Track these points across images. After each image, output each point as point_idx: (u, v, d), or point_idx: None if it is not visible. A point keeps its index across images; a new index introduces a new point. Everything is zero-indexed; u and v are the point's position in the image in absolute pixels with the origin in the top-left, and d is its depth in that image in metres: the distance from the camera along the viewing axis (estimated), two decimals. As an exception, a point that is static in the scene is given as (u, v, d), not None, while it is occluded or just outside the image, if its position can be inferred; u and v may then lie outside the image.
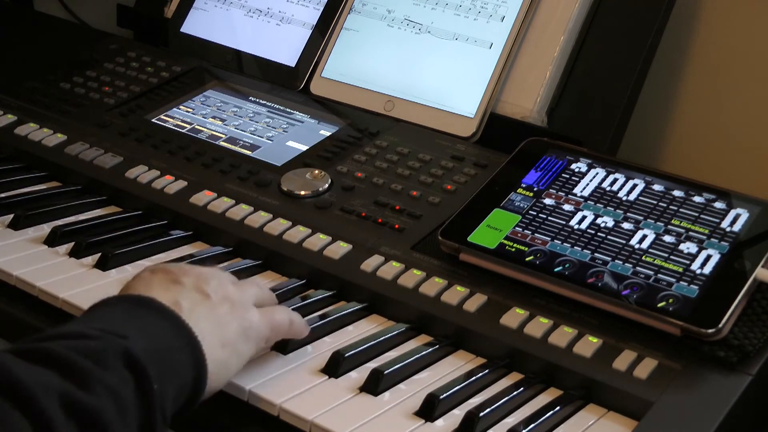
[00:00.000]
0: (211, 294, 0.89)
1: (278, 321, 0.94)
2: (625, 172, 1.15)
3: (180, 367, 0.83)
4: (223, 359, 0.87)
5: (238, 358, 0.90)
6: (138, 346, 0.79)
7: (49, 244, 1.15)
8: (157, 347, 0.81)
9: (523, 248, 1.07)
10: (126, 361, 0.78)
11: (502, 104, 1.34)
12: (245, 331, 0.90)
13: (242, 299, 0.92)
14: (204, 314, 0.87)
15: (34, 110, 1.43)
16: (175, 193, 1.24)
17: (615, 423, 0.93)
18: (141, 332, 0.82)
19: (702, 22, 1.40)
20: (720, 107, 1.40)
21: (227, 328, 0.88)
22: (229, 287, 0.92)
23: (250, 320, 0.91)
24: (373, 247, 1.12)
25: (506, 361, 0.99)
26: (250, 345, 0.91)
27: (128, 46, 1.57)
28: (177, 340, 0.84)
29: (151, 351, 0.80)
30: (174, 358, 0.82)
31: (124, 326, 0.82)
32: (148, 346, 0.80)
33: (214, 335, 0.87)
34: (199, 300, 0.88)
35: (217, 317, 0.88)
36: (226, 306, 0.90)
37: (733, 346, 0.95)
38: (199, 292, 0.89)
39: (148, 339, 0.81)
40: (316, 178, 1.24)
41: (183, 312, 0.86)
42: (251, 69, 1.51)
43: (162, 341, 0.82)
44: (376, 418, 0.90)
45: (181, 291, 0.88)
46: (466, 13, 1.39)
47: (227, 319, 0.89)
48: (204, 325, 0.87)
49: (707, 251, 1.03)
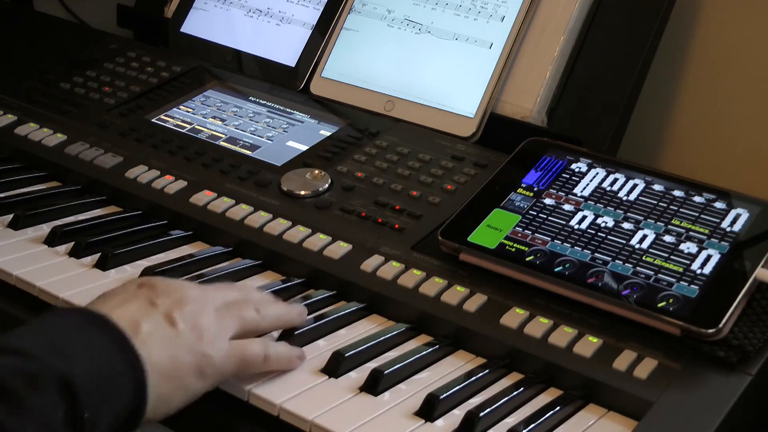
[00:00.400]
0: (178, 322, 0.87)
1: (250, 356, 0.91)
2: (625, 172, 1.15)
3: (119, 394, 0.81)
4: (165, 393, 0.85)
5: (184, 394, 0.87)
6: (78, 370, 0.78)
7: (48, 244, 1.15)
8: (99, 371, 0.79)
9: (523, 248, 1.07)
10: (61, 387, 0.76)
11: (502, 104, 1.34)
12: (201, 368, 0.87)
13: (215, 331, 0.89)
14: (160, 343, 0.85)
15: (34, 110, 1.43)
16: (175, 193, 1.24)
17: (615, 423, 0.93)
18: (86, 353, 0.80)
19: (702, 22, 1.40)
20: (720, 107, 1.40)
21: (181, 362, 0.85)
22: (204, 317, 0.88)
23: (211, 357, 0.87)
24: (373, 247, 1.12)
25: (506, 361, 0.99)
26: (203, 382, 0.87)
27: (128, 46, 1.57)
28: (120, 365, 0.81)
29: (92, 375, 0.78)
30: (114, 384, 0.80)
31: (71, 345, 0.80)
32: (90, 370, 0.79)
33: (164, 367, 0.84)
34: (163, 327, 0.86)
35: (173, 348, 0.85)
36: (190, 337, 0.87)
37: (733, 346, 0.95)
38: (166, 318, 0.87)
39: (91, 361, 0.79)
40: (316, 178, 1.24)
41: (139, 335, 0.84)
42: (251, 69, 1.51)
43: (105, 365, 0.80)
44: (376, 418, 0.90)
45: (148, 313, 0.86)
46: (466, 13, 1.39)
47: (184, 352, 0.86)
48: (157, 354, 0.84)
49: (707, 251, 1.03)
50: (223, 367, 0.89)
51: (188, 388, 0.87)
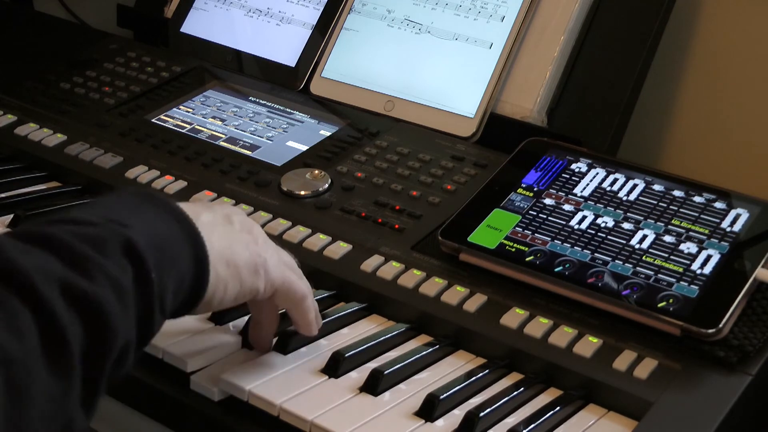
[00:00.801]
0: (235, 222, 0.89)
1: (295, 286, 0.92)
2: (625, 172, 1.15)
3: (181, 264, 0.81)
4: (224, 276, 0.86)
5: (240, 285, 0.88)
6: (139, 235, 0.78)
7: (49, 244, 1.15)
8: (160, 239, 0.80)
9: (523, 248, 1.07)
10: (125, 249, 0.76)
11: (502, 104, 1.34)
12: (255, 265, 0.88)
13: (267, 242, 0.92)
14: (220, 232, 0.87)
15: (34, 110, 1.43)
16: (175, 193, 1.23)
17: (615, 423, 0.93)
18: (144, 224, 0.80)
19: (702, 22, 1.40)
20: (720, 107, 1.40)
21: (237, 252, 0.87)
22: (257, 228, 0.92)
23: (265, 258, 0.89)
24: (373, 247, 1.12)
25: (506, 361, 0.99)
26: (255, 279, 0.89)
27: (128, 46, 1.57)
28: (182, 240, 0.82)
29: (152, 241, 0.79)
30: (176, 254, 0.81)
31: (128, 216, 0.80)
32: (152, 238, 0.79)
33: (223, 251, 0.86)
34: (221, 222, 0.88)
35: (231, 240, 0.87)
36: (247, 236, 0.89)
37: (733, 346, 0.95)
38: (224, 217, 0.89)
39: (153, 231, 0.80)
40: (316, 178, 1.24)
41: (199, 222, 0.85)
42: (251, 69, 1.51)
43: (167, 236, 0.81)
44: (376, 418, 0.90)
45: (208, 210, 0.88)
46: (466, 13, 1.39)
47: (241, 246, 0.88)
48: (216, 239, 0.85)
49: (707, 251, 1.03)
50: (273, 274, 0.90)
51: (243, 281, 0.88)
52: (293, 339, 0.98)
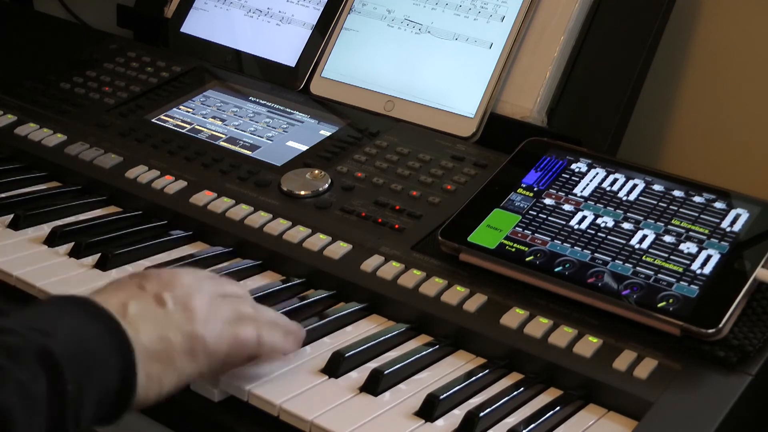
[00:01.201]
0: (167, 301, 0.86)
1: (243, 338, 0.89)
2: (625, 172, 1.15)
3: (105, 372, 0.79)
4: (156, 374, 0.83)
5: (176, 375, 0.85)
6: (59, 345, 0.77)
7: (49, 244, 1.15)
8: (83, 349, 0.78)
9: (523, 248, 1.07)
10: (41, 358, 0.75)
11: (502, 104, 1.34)
12: (192, 348, 0.85)
13: (206, 313, 0.87)
14: (149, 323, 0.84)
15: (34, 110, 1.43)
16: (175, 193, 1.24)
17: (615, 423, 0.93)
18: (69, 332, 0.79)
19: (702, 22, 1.40)
20: (720, 107, 1.40)
21: (170, 342, 0.84)
22: (196, 299, 0.87)
23: (203, 336, 0.86)
24: (373, 247, 1.12)
25: (506, 361, 0.99)
26: (194, 363, 0.86)
27: (128, 46, 1.57)
28: (107, 345, 0.80)
29: (74, 352, 0.77)
30: (99, 363, 0.79)
31: (52, 325, 0.79)
32: (72, 347, 0.77)
33: (154, 346, 0.83)
34: (151, 307, 0.85)
35: (163, 328, 0.84)
36: (181, 317, 0.86)
37: (733, 346, 0.95)
38: (155, 298, 0.86)
39: (74, 339, 0.78)
40: (316, 178, 1.24)
41: (127, 317, 0.83)
42: (251, 69, 1.51)
43: (89, 344, 0.79)
44: (376, 418, 0.90)
45: (137, 296, 0.85)
46: (466, 13, 1.39)
47: (173, 331, 0.84)
48: (144, 335, 0.83)
49: (707, 251, 1.03)
50: (216, 348, 0.87)
51: (180, 370, 0.85)
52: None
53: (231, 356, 0.89)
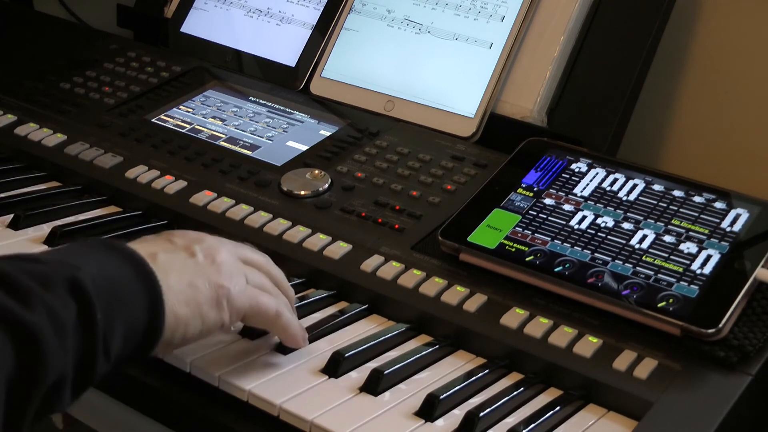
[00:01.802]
0: (197, 253, 0.89)
1: (263, 304, 0.91)
2: (625, 172, 1.15)
3: (133, 308, 0.81)
4: (184, 316, 0.86)
5: (201, 323, 0.87)
6: (89, 277, 0.78)
7: (49, 245, 1.15)
8: (112, 284, 0.80)
9: (523, 248, 1.07)
10: (71, 287, 0.77)
11: (502, 104, 1.34)
12: (217, 299, 0.88)
13: (232, 269, 0.90)
14: (178, 270, 0.86)
15: (34, 110, 1.43)
16: (175, 193, 1.24)
17: (615, 423, 0.93)
18: (97, 267, 0.81)
19: (702, 22, 1.40)
20: (720, 107, 1.40)
21: (198, 289, 0.87)
22: (222, 253, 0.91)
23: (228, 289, 0.89)
24: (373, 247, 1.12)
25: (506, 361, 0.99)
26: (217, 313, 0.88)
27: (128, 46, 1.57)
28: (135, 283, 0.82)
29: (103, 284, 0.79)
30: (128, 297, 0.81)
31: (82, 259, 0.81)
32: (101, 280, 0.79)
33: (181, 291, 0.86)
34: (180, 257, 0.88)
35: (191, 276, 0.87)
36: (209, 268, 0.89)
37: (733, 346, 0.95)
38: (185, 250, 0.89)
39: (104, 275, 0.80)
40: (316, 178, 1.24)
41: (156, 263, 0.85)
42: (251, 69, 1.51)
43: (118, 280, 0.81)
44: (376, 418, 0.90)
45: (165, 247, 0.88)
46: (466, 13, 1.39)
47: (201, 280, 0.87)
48: (174, 279, 0.85)
49: (707, 251, 1.03)
50: (238, 303, 0.90)
51: (205, 317, 0.88)
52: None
53: (248, 317, 0.92)
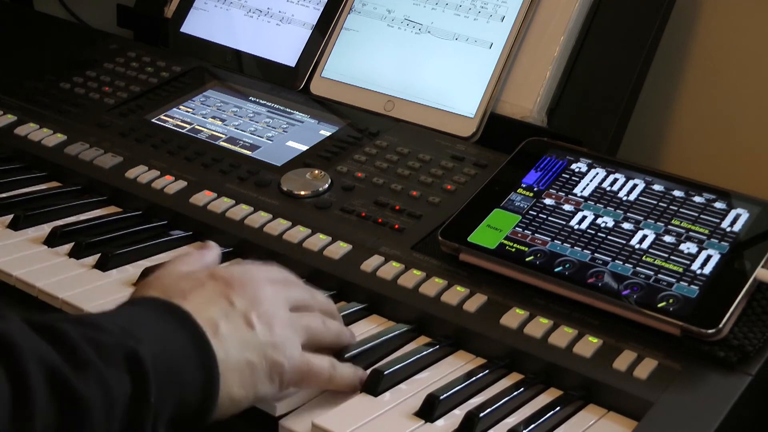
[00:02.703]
0: (255, 324, 0.85)
1: (316, 371, 0.89)
2: (625, 172, 1.15)
3: (188, 386, 0.79)
4: (238, 397, 0.84)
5: (254, 396, 0.86)
6: (149, 352, 0.76)
7: (49, 245, 1.15)
8: (170, 362, 0.78)
9: (523, 248, 1.07)
10: (130, 363, 0.75)
11: (502, 104, 1.34)
12: (272, 375, 0.86)
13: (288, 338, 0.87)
14: (238, 345, 0.83)
15: (34, 110, 1.43)
16: (175, 193, 1.24)
17: (615, 423, 0.93)
18: (158, 340, 0.78)
19: (702, 22, 1.40)
20: (720, 107, 1.40)
21: (255, 368, 0.84)
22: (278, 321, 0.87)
23: (283, 365, 0.86)
24: (373, 247, 1.12)
25: (506, 361, 0.99)
26: (272, 386, 0.86)
27: (128, 46, 1.57)
28: (194, 362, 0.80)
29: (162, 362, 0.77)
30: (185, 374, 0.79)
31: (144, 330, 0.78)
32: (160, 357, 0.77)
33: (240, 369, 0.83)
34: (241, 328, 0.84)
35: (250, 353, 0.84)
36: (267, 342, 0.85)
37: (733, 346, 0.95)
38: (245, 320, 0.85)
39: (164, 350, 0.78)
40: (316, 178, 1.24)
41: (218, 336, 0.82)
42: (251, 69, 1.51)
43: (178, 358, 0.79)
44: (376, 418, 0.90)
45: (226, 312, 0.85)
46: (466, 13, 1.39)
47: (260, 357, 0.85)
48: (234, 356, 0.83)
49: (707, 251, 1.03)
50: (291, 377, 0.88)
51: (259, 393, 0.86)
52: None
53: (301, 385, 0.90)
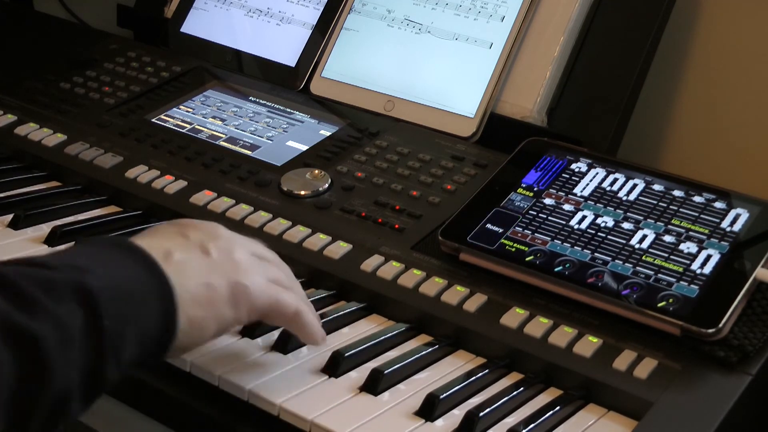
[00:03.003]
0: (212, 251, 0.86)
1: (283, 302, 0.89)
2: (625, 172, 1.15)
3: (146, 314, 0.79)
4: (199, 319, 0.83)
5: (217, 322, 0.85)
6: (98, 282, 0.76)
7: (49, 244, 1.15)
8: (122, 288, 0.77)
9: (523, 248, 1.07)
10: (79, 294, 0.75)
11: (502, 104, 1.34)
12: (235, 297, 0.86)
13: (250, 265, 0.88)
14: (193, 269, 0.84)
15: (34, 110, 1.43)
16: (175, 193, 1.24)
17: (615, 423, 0.93)
18: (108, 271, 0.78)
19: (702, 22, 1.40)
20: (720, 107, 1.40)
21: (214, 288, 0.84)
22: (239, 252, 0.88)
23: (247, 286, 0.86)
24: (373, 247, 1.12)
25: (506, 361, 0.99)
26: (235, 312, 0.86)
27: (128, 46, 1.57)
28: (148, 286, 0.80)
29: (113, 290, 0.76)
30: (140, 302, 0.78)
31: (92, 263, 0.78)
32: (111, 285, 0.77)
33: (198, 292, 0.83)
34: (196, 255, 0.85)
35: (207, 275, 0.84)
36: (226, 266, 0.86)
37: (733, 346, 0.95)
38: (199, 247, 0.86)
39: (114, 279, 0.78)
40: (316, 178, 1.24)
41: (171, 262, 0.82)
42: (251, 69, 1.51)
43: (130, 284, 0.79)
44: (376, 418, 0.90)
45: (180, 243, 0.85)
46: (466, 13, 1.39)
47: (219, 279, 0.85)
48: (189, 279, 0.83)
49: (707, 251, 1.03)
50: (257, 301, 0.87)
51: (222, 317, 0.85)
52: (292, 338, 0.98)
53: (268, 316, 0.90)
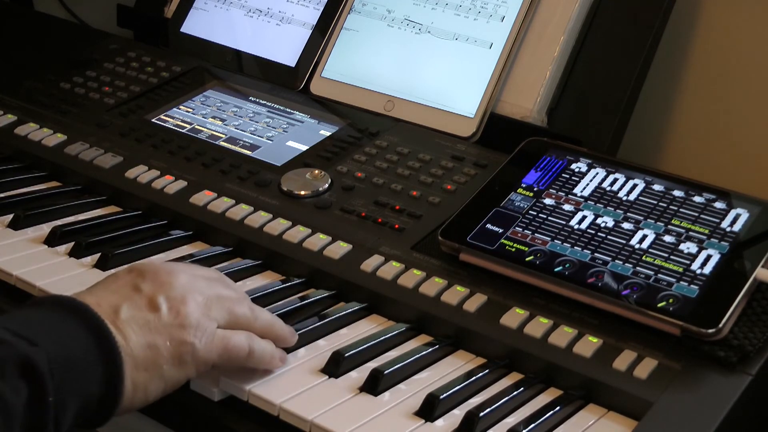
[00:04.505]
0: (161, 306, 0.86)
1: (233, 347, 0.89)
2: (625, 172, 1.15)
3: (90, 381, 0.80)
4: (142, 382, 0.84)
5: (162, 383, 0.86)
6: (44, 355, 0.77)
7: (49, 244, 1.15)
8: (69, 358, 0.79)
9: (523, 248, 1.07)
10: (24, 369, 0.76)
11: (502, 104, 1.34)
12: (180, 356, 0.86)
13: (198, 319, 0.87)
14: (139, 329, 0.84)
15: (34, 110, 1.43)
16: (175, 193, 1.24)
17: (615, 423, 0.93)
18: (56, 340, 0.79)
19: (702, 22, 1.40)
20: (720, 107, 1.40)
21: (158, 350, 0.85)
22: (189, 303, 0.87)
23: (192, 344, 0.86)
24: (373, 247, 1.12)
25: (506, 361, 0.99)
26: (181, 370, 0.87)
27: (128, 46, 1.57)
28: (94, 354, 0.81)
29: (59, 362, 0.78)
30: (85, 371, 0.80)
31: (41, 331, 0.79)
32: (58, 356, 0.78)
33: (141, 354, 0.84)
34: (143, 313, 0.85)
35: (151, 336, 0.85)
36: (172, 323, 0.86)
37: (733, 346, 0.95)
38: (149, 303, 0.86)
39: (61, 348, 0.79)
40: (316, 178, 1.24)
41: (118, 322, 0.83)
42: (251, 69, 1.51)
43: (77, 351, 0.80)
44: (376, 418, 0.90)
45: (130, 299, 0.86)
46: (466, 13, 1.39)
47: (163, 339, 0.85)
48: (134, 341, 0.83)
49: (707, 251, 1.03)
50: (206, 356, 0.88)
51: (166, 377, 0.86)
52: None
53: (220, 364, 0.90)
